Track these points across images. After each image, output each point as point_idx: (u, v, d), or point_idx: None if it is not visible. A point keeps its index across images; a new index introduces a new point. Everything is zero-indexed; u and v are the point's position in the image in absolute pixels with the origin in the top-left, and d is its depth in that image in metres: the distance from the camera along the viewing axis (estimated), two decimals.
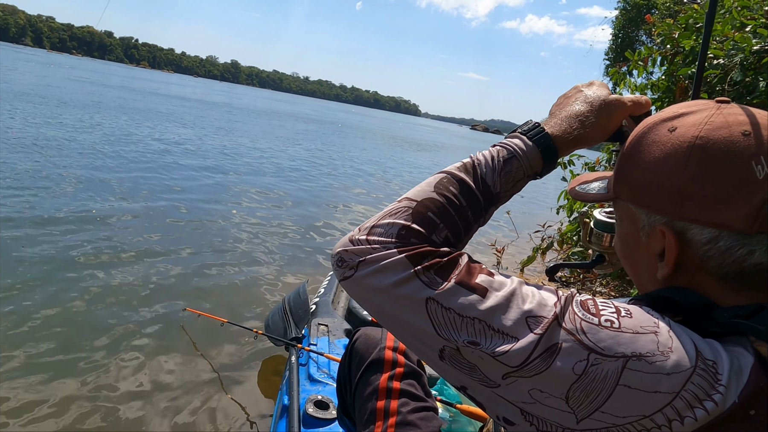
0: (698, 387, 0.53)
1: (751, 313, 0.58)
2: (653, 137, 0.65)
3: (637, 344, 0.55)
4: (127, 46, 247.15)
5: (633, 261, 0.73)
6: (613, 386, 0.53)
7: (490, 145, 0.73)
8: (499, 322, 0.56)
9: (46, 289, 3.11)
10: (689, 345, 0.56)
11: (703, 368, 0.54)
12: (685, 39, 4.35)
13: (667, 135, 0.64)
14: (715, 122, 0.61)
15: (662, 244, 0.64)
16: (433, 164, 17.61)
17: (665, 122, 0.66)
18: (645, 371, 0.54)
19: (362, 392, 1.21)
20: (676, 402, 0.53)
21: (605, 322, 0.57)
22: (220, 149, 11.01)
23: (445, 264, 0.60)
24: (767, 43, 3.53)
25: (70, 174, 6.10)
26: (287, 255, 4.67)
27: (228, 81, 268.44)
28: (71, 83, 24.66)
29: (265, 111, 34.88)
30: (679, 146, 0.62)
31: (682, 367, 0.54)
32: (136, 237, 4.33)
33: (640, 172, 0.66)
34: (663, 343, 0.55)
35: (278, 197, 7.14)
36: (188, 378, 2.52)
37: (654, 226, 0.65)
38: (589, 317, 0.57)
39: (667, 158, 0.63)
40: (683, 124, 0.63)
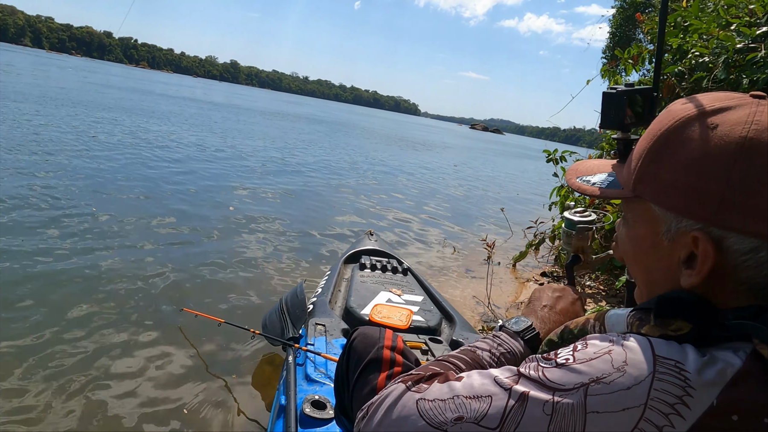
0: (665, 393, 0.53)
1: (755, 315, 0.57)
2: (690, 134, 0.60)
3: (592, 369, 0.56)
4: (126, 46, 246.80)
5: (646, 264, 0.69)
6: (584, 416, 0.55)
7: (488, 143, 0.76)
8: (473, 391, 0.62)
9: (41, 288, 3.11)
10: (645, 351, 0.56)
11: (664, 371, 0.54)
12: (672, 37, 4.40)
13: (708, 133, 0.59)
14: (762, 122, 0.57)
15: (689, 249, 0.61)
16: (445, 164, 17.68)
17: (703, 117, 0.60)
18: (606, 392, 0.54)
19: (360, 391, 1.20)
20: (648, 414, 0.53)
21: (561, 360, 0.60)
22: (216, 147, 11.01)
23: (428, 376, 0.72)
24: (750, 42, 3.58)
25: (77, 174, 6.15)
26: (285, 255, 4.67)
27: (227, 81, 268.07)
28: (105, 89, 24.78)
29: (274, 112, 34.84)
30: (724, 147, 0.57)
31: (641, 377, 0.54)
32: (133, 236, 4.34)
33: (673, 173, 0.61)
34: (617, 359, 0.56)
35: (276, 197, 7.15)
36: (185, 378, 2.52)
37: (684, 231, 0.61)
38: (546, 363, 0.61)
39: (708, 159, 0.58)
40: (725, 121, 0.59)
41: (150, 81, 52.23)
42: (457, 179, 13.96)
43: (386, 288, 2.66)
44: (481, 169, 19.55)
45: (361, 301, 2.45)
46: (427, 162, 17.77)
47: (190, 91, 46.89)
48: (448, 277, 4.85)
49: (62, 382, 2.32)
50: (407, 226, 6.89)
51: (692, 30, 4.30)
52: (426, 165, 16.57)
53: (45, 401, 2.18)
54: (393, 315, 2.24)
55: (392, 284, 2.75)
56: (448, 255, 5.65)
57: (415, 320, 2.28)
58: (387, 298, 2.52)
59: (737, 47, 3.64)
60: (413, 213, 7.83)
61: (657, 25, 4.42)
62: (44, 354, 2.49)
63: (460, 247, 6.06)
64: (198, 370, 2.61)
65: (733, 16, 4.04)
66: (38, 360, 2.44)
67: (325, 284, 2.77)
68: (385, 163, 14.89)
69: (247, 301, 3.52)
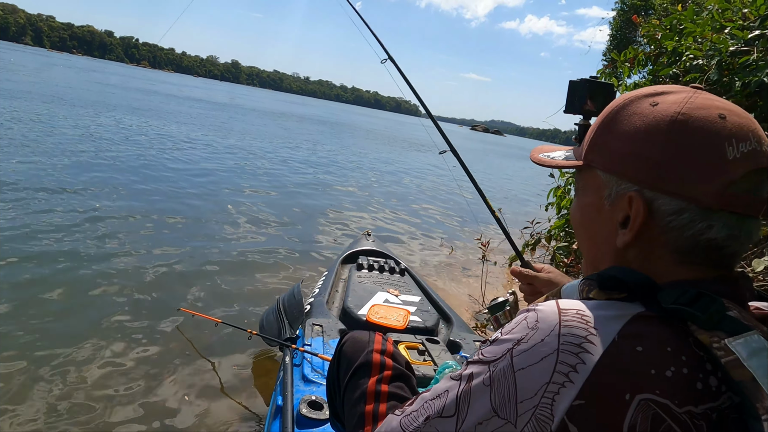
0: (572, 335, 0.60)
1: (692, 301, 0.60)
2: (634, 109, 0.69)
3: (515, 335, 0.64)
4: (128, 45, 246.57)
5: (590, 230, 0.77)
6: (513, 376, 0.61)
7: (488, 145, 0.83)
8: (435, 392, 0.71)
9: (38, 287, 3.12)
10: (552, 308, 0.64)
11: (568, 318, 0.61)
12: (668, 40, 4.44)
13: (649, 108, 0.68)
14: (695, 103, 0.66)
15: (626, 211, 0.68)
16: (444, 164, 17.67)
17: (647, 97, 0.70)
18: (526, 349, 0.62)
19: (351, 396, 1.20)
20: (561, 356, 0.59)
21: (493, 339, 0.67)
22: (215, 148, 11.04)
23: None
24: (743, 45, 3.62)
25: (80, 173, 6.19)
26: (282, 255, 4.68)
27: (228, 81, 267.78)
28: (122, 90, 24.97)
29: (278, 113, 34.85)
30: (661, 119, 0.66)
31: (550, 327, 0.61)
32: (131, 236, 4.35)
33: (619, 141, 0.69)
34: (531, 321, 0.64)
35: (275, 197, 7.18)
36: (182, 378, 2.52)
37: (622, 193, 0.68)
38: (484, 346, 0.68)
39: (648, 129, 0.66)
40: (665, 100, 0.67)
41: (155, 81, 52.09)
42: (456, 179, 13.97)
43: (383, 288, 2.67)
44: (480, 171, 19.57)
45: (358, 302, 2.46)
46: (426, 162, 17.78)
47: (195, 91, 46.81)
48: (444, 276, 4.89)
49: (57, 381, 2.32)
50: (405, 225, 6.93)
51: (687, 33, 4.35)
52: (425, 165, 16.59)
53: (39, 401, 2.18)
54: (390, 315, 2.25)
55: (389, 285, 2.75)
56: (445, 254, 5.70)
57: (412, 321, 2.29)
58: (384, 299, 2.53)
59: (730, 50, 3.68)
60: (411, 212, 7.87)
61: (652, 29, 4.48)
62: (36, 353, 2.49)
63: (457, 247, 6.10)
64: (194, 371, 2.61)
65: (727, 19, 4.09)
66: (29, 358, 2.44)
67: (322, 285, 2.77)
68: (385, 163, 14.95)
69: (244, 301, 3.52)
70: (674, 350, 0.58)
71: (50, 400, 2.20)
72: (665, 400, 0.56)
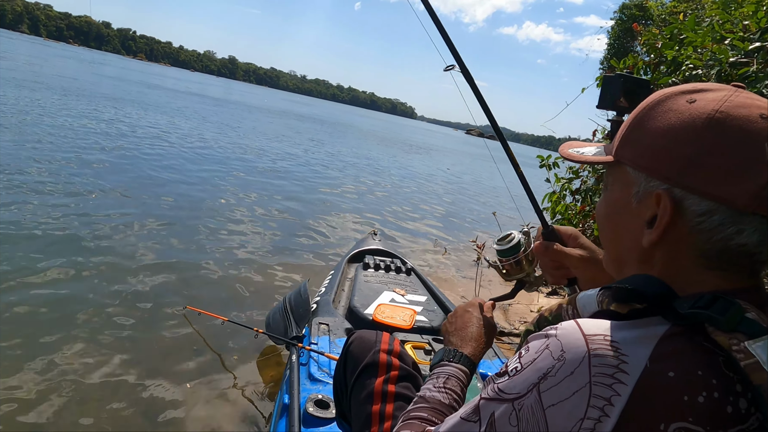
0: (603, 365, 0.56)
1: (708, 303, 0.59)
2: (670, 105, 0.66)
3: (538, 368, 0.60)
4: (125, 37, 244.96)
5: (615, 226, 0.74)
6: (543, 413, 0.58)
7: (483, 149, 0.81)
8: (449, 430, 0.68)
9: (43, 284, 3.12)
10: (577, 335, 0.60)
11: (597, 347, 0.58)
12: (668, 49, 4.49)
13: (686, 105, 0.65)
14: (735, 101, 0.62)
15: (654, 210, 0.65)
16: (440, 167, 17.71)
17: (684, 94, 0.66)
18: (554, 384, 0.58)
19: (358, 396, 1.20)
20: (595, 389, 0.56)
21: (512, 371, 0.63)
22: (229, 148, 11.01)
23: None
24: (743, 56, 3.67)
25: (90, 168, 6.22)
26: (288, 254, 4.69)
27: (225, 77, 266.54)
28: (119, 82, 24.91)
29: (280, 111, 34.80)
30: (697, 116, 0.63)
31: (578, 358, 0.57)
32: (138, 234, 4.35)
33: (651, 138, 0.66)
34: (555, 351, 0.60)
35: (282, 197, 7.18)
36: (188, 376, 2.54)
37: (650, 190, 0.66)
38: (500, 379, 0.64)
39: (683, 126, 0.63)
40: (703, 98, 0.64)
41: (159, 75, 51.93)
42: (451, 183, 14.03)
43: (390, 288, 2.67)
44: (476, 173, 19.63)
45: (364, 301, 2.46)
46: (422, 165, 17.81)
47: (195, 86, 46.61)
48: (439, 276, 4.91)
49: (61, 380, 2.32)
50: (402, 226, 6.95)
51: (687, 42, 4.39)
52: (422, 168, 16.62)
53: (45, 399, 2.18)
54: (396, 315, 2.24)
55: (396, 284, 2.76)
56: (440, 255, 5.72)
57: (418, 320, 2.29)
58: (390, 298, 2.54)
59: (730, 60, 3.72)
60: (408, 214, 7.89)
61: (652, 37, 4.53)
62: (45, 352, 2.48)
63: (452, 249, 6.13)
64: (201, 368, 2.62)
65: (727, 30, 4.14)
66: (36, 356, 2.43)
67: (328, 284, 2.78)
68: (384, 164, 14.96)
69: (250, 299, 3.53)
70: (705, 374, 0.56)
71: (55, 398, 2.20)
72: (698, 427, 0.54)
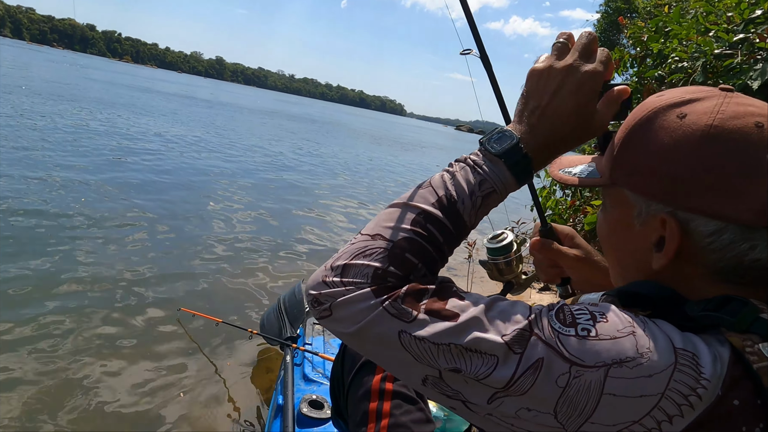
0: (682, 384, 0.52)
1: (720, 305, 0.57)
2: (660, 123, 0.62)
3: (617, 350, 0.54)
4: (110, 39, 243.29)
5: (620, 246, 0.71)
6: (599, 396, 0.53)
7: (474, 145, 0.70)
8: (477, 345, 0.55)
9: (39, 288, 3.10)
10: (666, 341, 0.55)
11: (684, 363, 0.53)
12: (653, 42, 4.49)
13: (677, 122, 0.61)
14: (727, 111, 0.59)
15: (659, 233, 0.62)
16: (430, 164, 17.75)
17: (673, 108, 0.62)
18: (628, 377, 0.53)
19: (355, 393, 1.19)
20: (663, 402, 0.52)
21: (582, 332, 0.55)
22: (224, 149, 10.97)
23: (413, 294, 0.59)
24: (727, 48, 3.67)
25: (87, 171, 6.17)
26: (283, 255, 4.66)
27: (212, 77, 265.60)
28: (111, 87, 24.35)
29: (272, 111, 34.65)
30: (690, 134, 0.59)
31: (663, 366, 0.53)
32: (131, 237, 4.31)
33: (644, 159, 0.63)
34: (641, 344, 0.54)
35: (275, 197, 7.14)
36: (182, 378, 2.52)
37: (653, 214, 0.62)
38: (565, 329, 0.55)
39: (676, 146, 0.60)
40: (693, 111, 0.60)
41: (148, 78, 51.51)
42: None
43: None
44: None
45: None
46: (411, 162, 17.82)
47: (185, 88, 46.32)
48: None
49: (57, 381, 2.30)
50: None
51: (672, 35, 4.40)
52: (411, 164, 16.62)
53: (40, 400, 2.16)
54: None
55: None
56: None
57: None
58: None
59: (715, 52, 3.73)
60: None
61: (638, 30, 4.53)
62: (40, 354, 2.47)
63: None
64: (195, 370, 2.60)
65: (712, 22, 4.15)
66: (32, 358, 2.42)
67: None
68: (378, 162, 14.97)
69: (245, 301, 3.51)
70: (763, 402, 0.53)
71: (48, 400, 2.18)
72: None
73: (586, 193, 4.82)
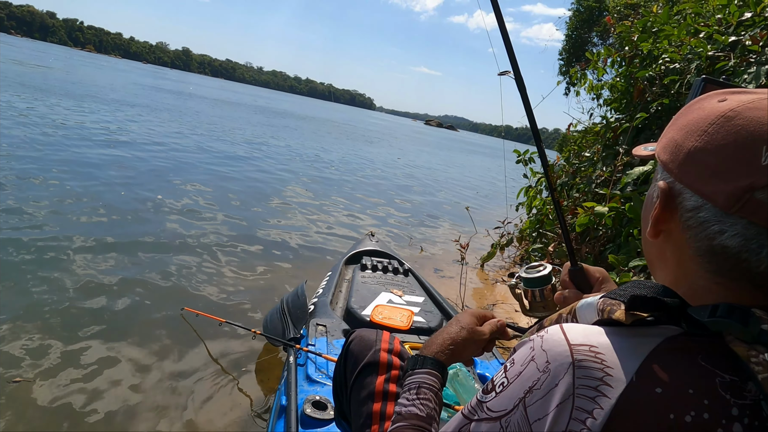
0: (587, 378, 0.55)
1: (727, 313, 0.56)
2: (703, 103, 0.64)
3: (523, 381, 0.60)
4: (71, 28, 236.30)
5: (643, 222, 0.73)
6: (530, 428, 0.57)
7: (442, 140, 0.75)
8: None
9: (40, 287, 3.05)
10: (562, 344, 0.59)
11: (582, 358, 0.57)
12: (644, 42, 4.52)
13: (713, 103, 0.62)
14: (758, 104, 0.59)
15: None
16: (408, 159, 17.76)
17: (726, 93, 0.64)
18: (539, 398, 0.57)
19: (358, 395, 1.20)
20: (578, 402, 0.55)
21: (498, 388, 0.62)
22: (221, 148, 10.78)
23: None
24: (720, 49, 3.71)
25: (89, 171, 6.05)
26: (286, 255, 4.65)
27: (179, 69, 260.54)
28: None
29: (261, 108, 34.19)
30: (712, 113, 0.61)
31: (562, 370, 0.57)
32: (134, 235, 4.26)
33: (674, 132, 0.66)
34: (540, 362, 0.59)
35: (277, 198, 7.05)
36: (185, 377, 2.51)
37: (659, 182, 0.66)
38: (487, 397, 0.63)
39: (697, 121, 0.62)
40: (734, 98, 0.61)
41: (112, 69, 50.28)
42: (418, 176, 14.04)
43: (387, 289, 2.67)
44: (438, 165, 19.76)
45: (362, 302, 2.46)
46: (386, 157, 17.82)
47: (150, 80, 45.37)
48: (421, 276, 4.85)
49: (59, 379, 2.29)
50: (379, 221, 6.88)
51: (662, 36, 4.43)
52: (385, 161, 16.63)
53: (38, 399, 2.15)
54: (394, 316, 2.24)
55: (393, 285, 2.76)
56: (416, 254, 5.65)
57: (416, 321, 2.29)
58: (388, 299, 2.53)
59: (708, 54, 3.75)
60: (378, 210, 7.83)
61: (627, 29, 4.53)
62: (39, 355, 2.44)
63: (427, 246, 6.07)
64: (198, 370, 2.59)
65: (701, 24, 4.18)
66: (32, 358, 2.40)
67: (326, 285, 2.76)
68: (356, 159, 14.88)
69: (248, 301, 3.49)
70: (697, 392, 0.53)
71: (49, 399, 2.17)
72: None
73: (574, 194, 4.83)
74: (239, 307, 3.37)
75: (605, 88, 5.38)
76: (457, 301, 4.10)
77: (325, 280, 2.87)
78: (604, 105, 5.37)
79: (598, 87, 5.48)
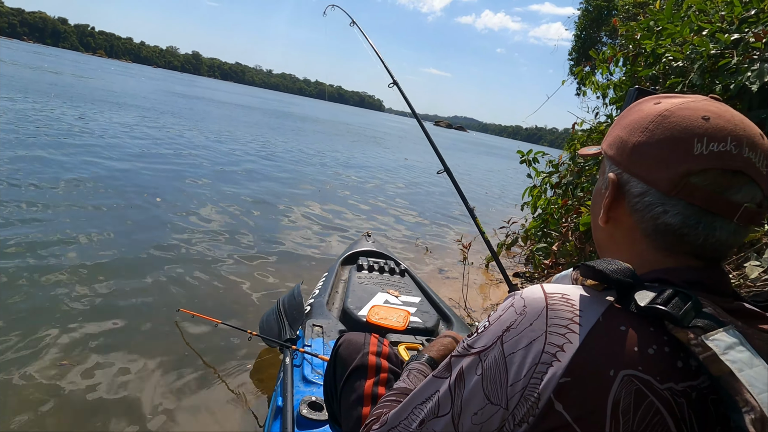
0: (559, 318, 0.64)
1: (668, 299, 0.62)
2: (641, 106, 0.75)
3: (502, 322, 0.68)
4: (83, 33, 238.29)
5: (593, 211, 0.83)
6: (504, 362, 0.65)
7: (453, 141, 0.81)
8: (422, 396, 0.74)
9: (35, 289, 3.06)
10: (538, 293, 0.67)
11: (554, 302, 0.65)
12: (645, 40, 4.49)
13: (650, 105, 0.74)
14: (690, 106, 0.70)
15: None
16: (419, 160, 17.75)
17: (658, 98, 0.75)
18: (515, 335, 0.65)
19: (347, 399, 1.20)
20: (550, 338, 0.63)
21: (480, 329, 0.71)
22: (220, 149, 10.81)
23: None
24: (723, 48, 3.68)
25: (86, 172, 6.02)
26: (282, 256, 4.65)
27: (189, 72, 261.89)
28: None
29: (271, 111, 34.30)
30: (651, 113, 0.72)
31: (537, 311, 0.65)
32: (130, 236, 4.27)
33: (618, 129, 0.76)
34: (518, 307, 0.67)
35: (275, 199, 7.06)
36: (181, 379, 2.50)
37: (608, 174, 0.75)
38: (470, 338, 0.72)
39: (638, 121, 0.73)
40: (667, 102, 0.73)
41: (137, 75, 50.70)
42: (428, 176, 14.02)
43: (383, 289, 2.67)
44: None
45: (358, 303, 2.45)
46: (395, 159, 17.81)
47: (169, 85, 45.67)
48: (423, 277, 4.85)
49: (55, 381, 2.29)
50: (381, 223, 6.88)
51: (666, 34, 4.40)
52: (396, 162, 16.62)
53: (35, 403, 2.14)
54: (390, 316, 2.24)
55: (389, 285, 2.76)
56: (421, 255, 5.65)
57: (412, 321, 2.29)
58: (384, 300, 2.52)
59: (711, 53, 3.73)
60: (385, 210, 7.83)
61: (631, 29, 4.52)
62: (35, 353, 2.45)
63: (433, 247, 6.07)
64: (194, 371, 2.59)
65: (705, 21, 4.15)
66: (29, 358, 2.40)
67: (322, 286, 2.76)
68: (365, 160, 14.87)
69: (244, 302, 3.49)
70: (657, 330, 0.61)
71: (46, 402, 2.16)
72: (647, 376, 0.59)
73: (578, 193, 4.81)
74: (235, 309, 3.37)
75: (611, 87, 5.36)
76: (459, 302, 4.10)
77: (322, 281, 2.86)
78: (609, 104, 5.35)
79: (604, 86, 5.46)
